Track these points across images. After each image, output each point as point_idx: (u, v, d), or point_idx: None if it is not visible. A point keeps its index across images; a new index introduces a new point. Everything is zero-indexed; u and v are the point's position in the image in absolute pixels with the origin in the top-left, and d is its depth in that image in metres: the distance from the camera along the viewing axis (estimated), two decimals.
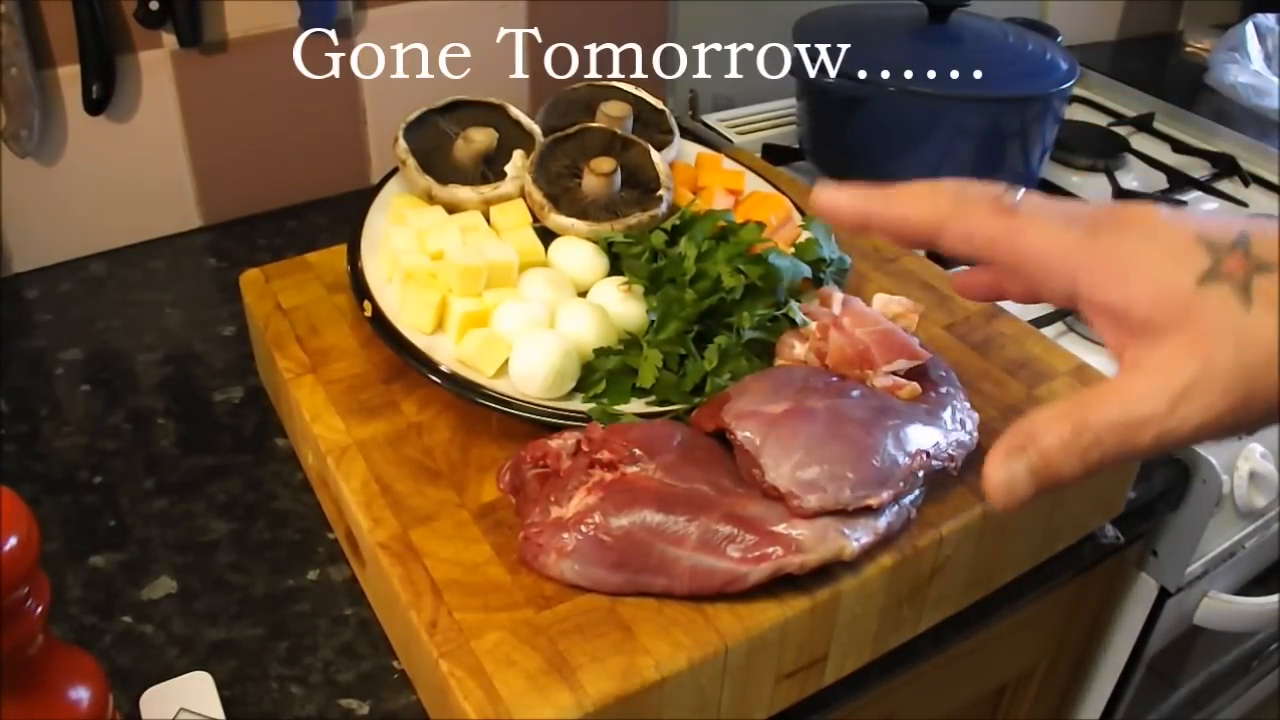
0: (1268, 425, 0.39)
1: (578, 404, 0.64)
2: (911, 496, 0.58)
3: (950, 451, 0.59)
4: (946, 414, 0.61)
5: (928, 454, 0.57)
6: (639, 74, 1.14)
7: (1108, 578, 0.87)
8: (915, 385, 0.61)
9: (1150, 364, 0.38)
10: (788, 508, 0.54)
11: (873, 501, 0.55)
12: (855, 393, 0.59)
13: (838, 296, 0.67)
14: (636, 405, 0.64)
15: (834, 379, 0.61)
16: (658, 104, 0.83)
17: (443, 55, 1.04)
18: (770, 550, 0.53)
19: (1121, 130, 1.27)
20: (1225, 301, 0.37)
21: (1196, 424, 0.38)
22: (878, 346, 0.63)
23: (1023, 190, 0.43)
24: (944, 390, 0.62)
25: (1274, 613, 0.94)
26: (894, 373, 0.62)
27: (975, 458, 0.62)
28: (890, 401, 0.60)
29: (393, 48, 1.01)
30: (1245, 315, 0.37)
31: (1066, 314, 0.92)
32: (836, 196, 0.46)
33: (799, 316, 0.67)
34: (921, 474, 0.57)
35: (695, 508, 0.54)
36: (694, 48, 1.19)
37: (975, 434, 0.61)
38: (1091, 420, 0.39)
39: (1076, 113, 1.32)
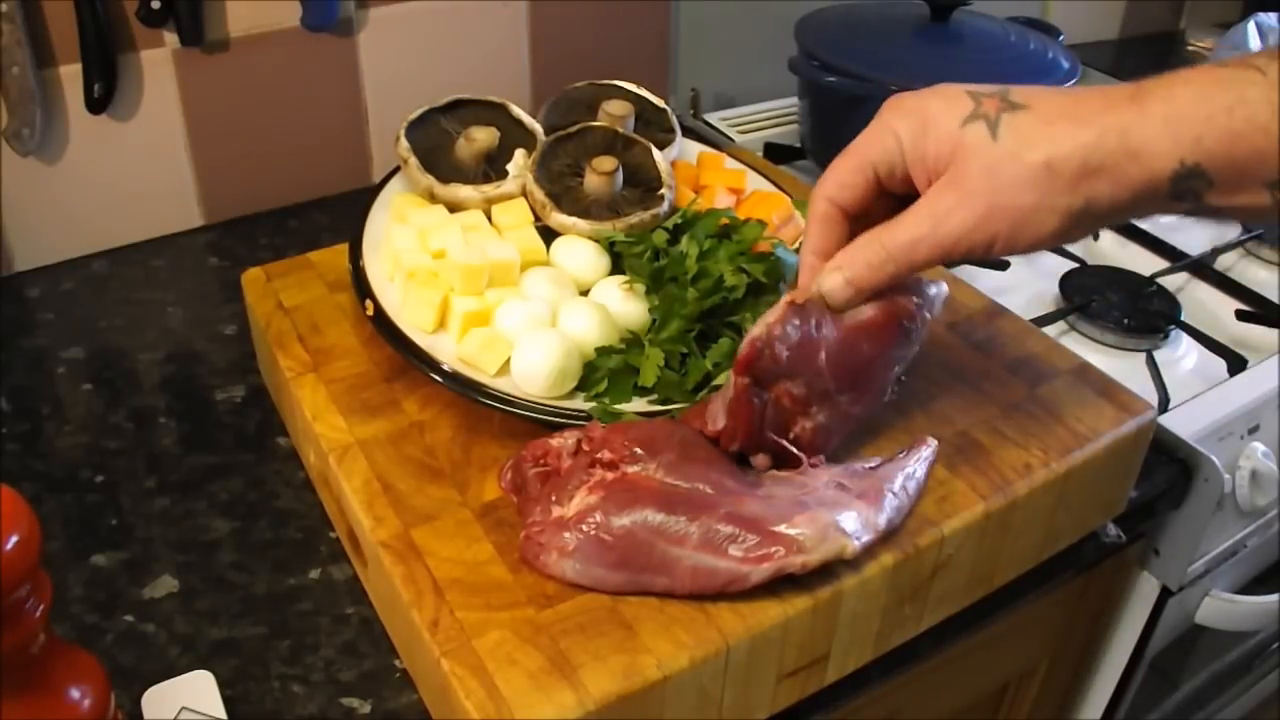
0: (1012, 241, 0.50)
1: (579, 403, 0.64)
2: (913, 485, 0.58)
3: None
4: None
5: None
6: (641, 72, 1.14)
7: (1109, 577, 0.87)
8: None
9: (929, 196, 0.51)
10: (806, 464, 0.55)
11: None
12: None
13: None
14: (638, 404, 0.64)
15: None
16: (659, 103, 0.83)
17: (444, 54, 1.04)
18: (772, 550, 0.53)
19: None
20: (979, 136, 0.49)
21: (956, 235, 0.50)
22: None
23: None
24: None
25: (1275, 612, 0.94)
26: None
27: (977, 456, 0.62)
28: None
29: (394, 47, 1.01)
30: (992, 146, 0.48)
31: (1068, 313, 0.92)
32: (803, 278, 0.57)
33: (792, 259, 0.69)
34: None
35: (696, 507, 0.54)
36: (696, 46, 1.19)
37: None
38: (886, 243, 0.52)
39: None
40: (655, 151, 0.76)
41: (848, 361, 0.57)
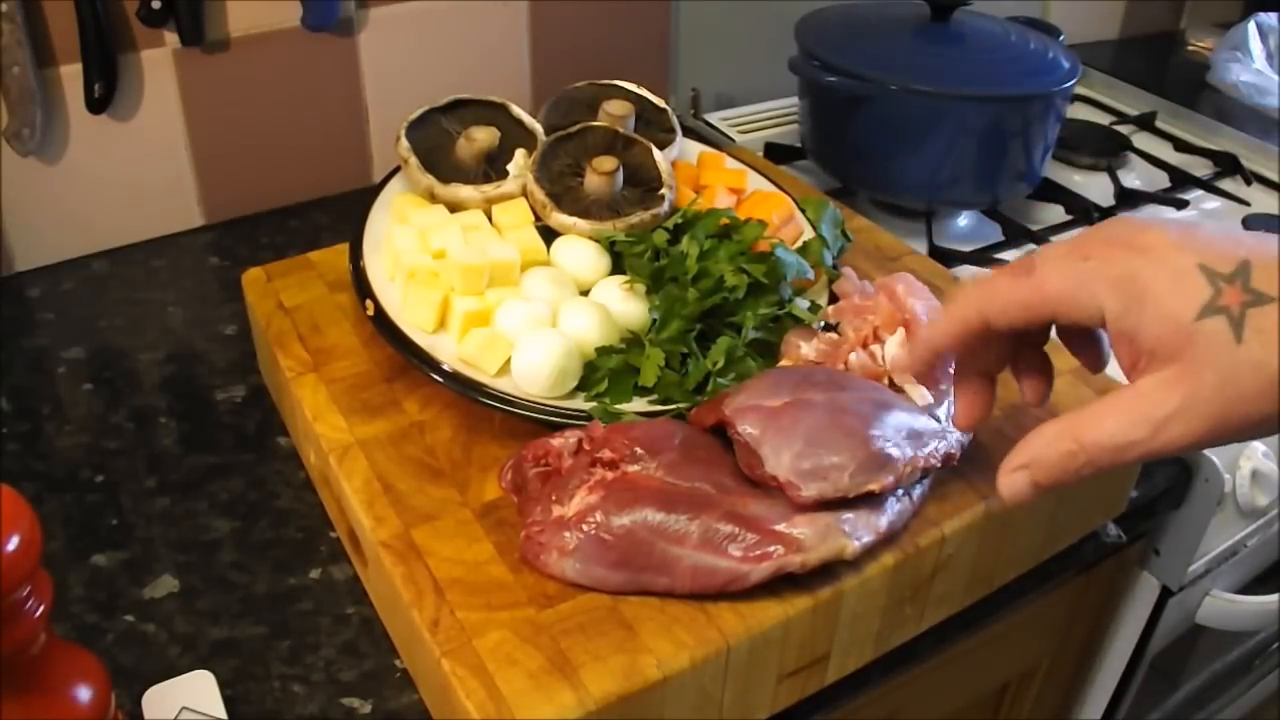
0: (1239, 441, 0.42)
1: (580, 403, 0.64)
2: (917, 491, 0.58)
3: (948, 448, 0.59)
4: (941, 411, 0.61)
5: (925, 447, 0.57)
6: (641, 72, 1.14)
7: (1110, 576, 0.87)
8: (911, 378, 0.62)
9: (1144, 389, 0.42)
10: (787, 498, 0.54)
11: (873, 486, 0.54)
12: (855, 387, 0.59)
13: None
14: (638, 404, 0.64)
15: (834, 374, 0.61)
16: (660, 102, 0.83)
17: (444, 54, 1.04)
18: (772, 549, 0.53)
19: (1124, 129, 1.27)
20: (1218, 335, 0.40)
21: (1176, 445, 0.42)
22: (924, 319, 0.63)
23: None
24: (944, 388, 0.62)
25: (1275, 612, 0.94)
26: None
27: (977, 455, 0.62)
28: (889, 396, 0.60)
29: (394, 47, 1.01)
30: (1235, 349, 0.40)
31: None
32: (908, 358, 0.52)
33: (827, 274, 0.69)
34: (921, 466, 0.57)
35: (697, 506, 0.54)
36: (696, 46, 1.19)
37: (971, 433, 0.61)
38: (1086, 442, 0.43)
39: (1079, 111, 1.32)
40: (655, 151, 0.76)
41: None
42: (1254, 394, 0.40)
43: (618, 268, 0.72)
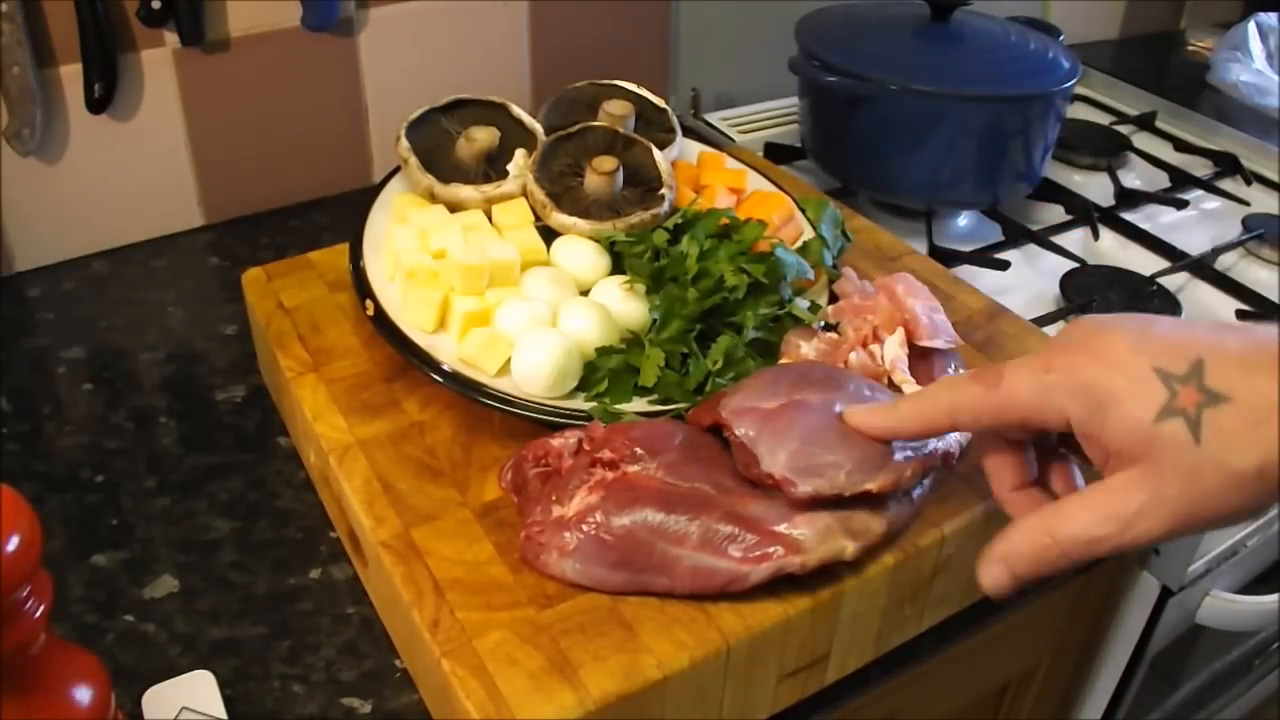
0: (1209, 530, 0.43)
1: (580, 403, 0.64)
2: (917, 491, 0.58)
3: (948, 448, 0.58)
4: None
5: (925, 447, 0.57)
6: (641, 72, 1.14)
7: (1109, 576, 0.87)
8: (910, 379, 0.62)
9: (1113, 487, 0.44)
10: (784, 496, 0.54)
11: (871, 486, 0.54)
12: (852, 386, 0.59)
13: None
14: (638, 404, 0.64)
15: (831, 371, 0.61)
16: (660, 102, 0.83)
17: (444, 54, 1.04)
18: (771, 550, 0.53)
19: (1124, 129, 1.27)
20: (1178, 436, 0.42)
21: (1146, 539, 0.44)
22: (923, 319, 0.63)
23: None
24: None
25: (1275, 612, 0.94)
26: (930, 347, 0.63)
27: (977, 455, 0.62)
28: (888, 396, 0.60)
29: (394, 47, 1.01)
30: (1195, 450, 0.41)
31: (1068, 313, 0.92)
32: (865, 422, 0.55)
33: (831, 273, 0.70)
34: (921, 466, 0.57)
35: (696, 507, 0.54)
36: (696, 46, 1.19)
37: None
38: (1059, 537, 0.46)
39: (1078, 111, 1.32)
40: (655, 151, 0.76)
41: None
42: (1217, 490, 0.42)
43: (618, 268, 0.72)
